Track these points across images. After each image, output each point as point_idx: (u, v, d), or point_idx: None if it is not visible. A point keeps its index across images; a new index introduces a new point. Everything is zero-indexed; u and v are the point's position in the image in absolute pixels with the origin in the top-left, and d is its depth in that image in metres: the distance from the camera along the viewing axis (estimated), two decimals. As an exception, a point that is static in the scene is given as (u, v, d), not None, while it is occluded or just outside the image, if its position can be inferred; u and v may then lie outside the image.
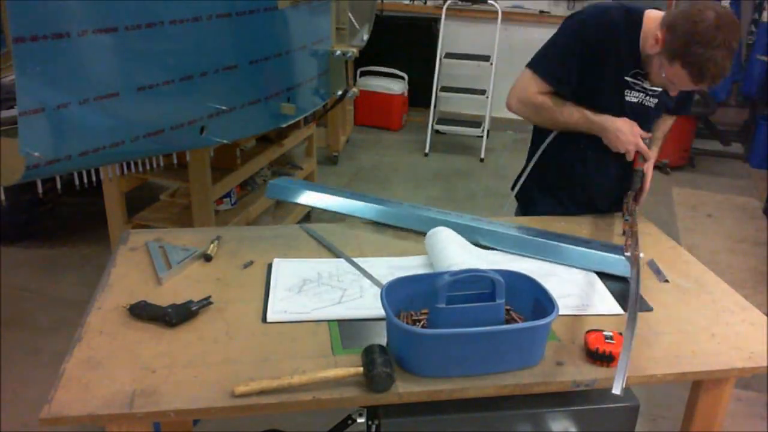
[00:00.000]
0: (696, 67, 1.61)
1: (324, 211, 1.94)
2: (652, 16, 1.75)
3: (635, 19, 1.77)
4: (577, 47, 1.79)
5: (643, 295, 1.57)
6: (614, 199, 1.98)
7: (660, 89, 1.84)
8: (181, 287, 1.53)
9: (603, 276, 1.65)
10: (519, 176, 2.11)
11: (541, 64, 1.85)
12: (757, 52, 4.83)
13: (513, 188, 2.14)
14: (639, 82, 1.81)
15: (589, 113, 1.81)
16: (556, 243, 1.73)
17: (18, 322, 2.90)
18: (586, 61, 1.79)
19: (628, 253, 1.68)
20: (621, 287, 1.61)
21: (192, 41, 2.03)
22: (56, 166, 1.67)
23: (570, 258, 1.70)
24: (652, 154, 1.94)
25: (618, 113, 1.83)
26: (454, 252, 1.58)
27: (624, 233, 1.80)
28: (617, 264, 1.66)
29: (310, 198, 1.97)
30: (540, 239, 1.74)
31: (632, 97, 1.84)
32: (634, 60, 1.78)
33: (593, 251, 1.70)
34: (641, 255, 1.66)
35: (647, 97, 1.85)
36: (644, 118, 1.88)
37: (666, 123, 2.08)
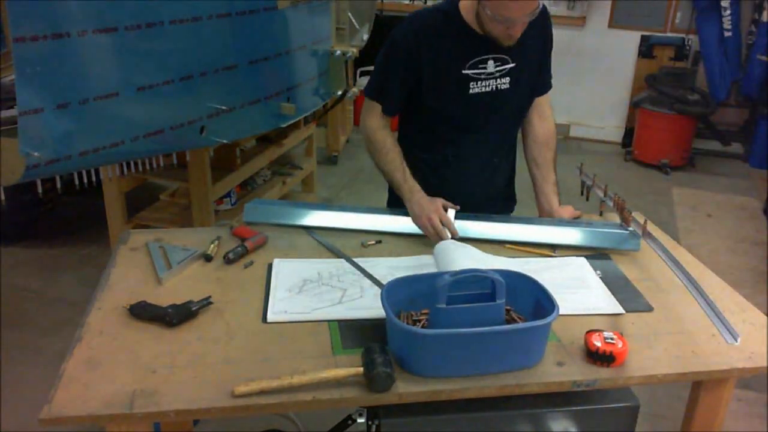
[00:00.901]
0: None
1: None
2: (465, 3, 1.71)
3: (448, 11, 1.72)
4: (394, 62, 1.75)
5: (643, 295, 1.57)
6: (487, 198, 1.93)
7: (508, 65, 1.74)
8: (181, 287, 1.53)
9: (603, 268, 1.65)
10: None
11: (369, 86, 1.83)
12: (757, 52, 4.83)
13: None
14: (482, 70, 1.73)
15: (408, 174, 1.78)
16: (564, 227, 1.76)
17: (18, 322, 2.90)
18: (409, 69, 1.73)
19: (631, 228, 1.73)
20: (618, 284, 1.61)
21: (192, 41, 2.04)
22: (56, 166, 1.67)
23: (579, 239, 1.74)
24: (557, 207, 1.89)
25: (470, 108, 1.77)
26: (462, 263, 1.57)
27: (602, 213, 1.89)
28: (626, 239, 1.73)
29: (291, 217, 1.85)
30: (544, 225, 1.78)
31: (480, 87, 1.74)
32: (470, 48, 1.71)
33: (602, 230, 1.76)
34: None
35: (498, 81, 1.75)
36: (502, 101, 1.79)
37: (544, 107, 1.93)
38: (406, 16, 1.78)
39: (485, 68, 1.73)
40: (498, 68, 1.74)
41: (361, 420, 1.38)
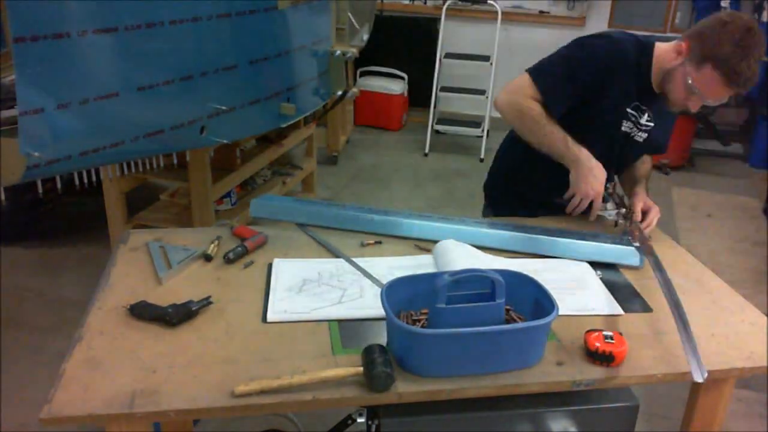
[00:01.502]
0: (728, 67, 1.59)
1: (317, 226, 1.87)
2: (663, 47, 1.76)
3: (646, 50, 1.77)
4: (582, 75, 1.76)
5: (642, 296, 1.57)
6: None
7: (651, 125, 1.87)
8: (181, 287, 1.53)
9: (603, 269, 1.65)
10: (490, 174, 2.17)
11: (543, 76, 1.78)
12: (757, 52, 4.83)
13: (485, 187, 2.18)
14: (636, 115, 1.83)
15: (570, 140, 1.75)
16: (568, 240, 1.74)
17: (18, 322, 2.90)
18: (589, 89, 1.77)
19: (636, 243, 1.70)
20: (618, 285, 1.61)
21: (192, 41, 2.04)
22: (56, 166, 1.67)
23: (582, 253, 1.71)
24: (641, 193, 1.92)
25: (609, 141, 1.84)
26: (461, 263, 1.57)
27: (616, 225, 1.84)
28: (629, 255, 1.69)
29: (297, 213, 1.87)
30: (548, 237, 1.75)
31: (626, 127, 1.85)
32: (638, 92, 1.79)
33: (605, 244, 1.72)
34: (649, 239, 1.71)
35: (638, 132, 1.87)
36: (631, 150, 1.90)
37: (646, 163, 2.06)
38: (614, 33, 1.83)
39: (638, 116, 1.84)
40: (645, 123, 1.86)
41: (361, 420, 1.38)
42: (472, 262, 1.59)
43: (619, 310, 1.51)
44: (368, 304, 1.49)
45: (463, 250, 1.67)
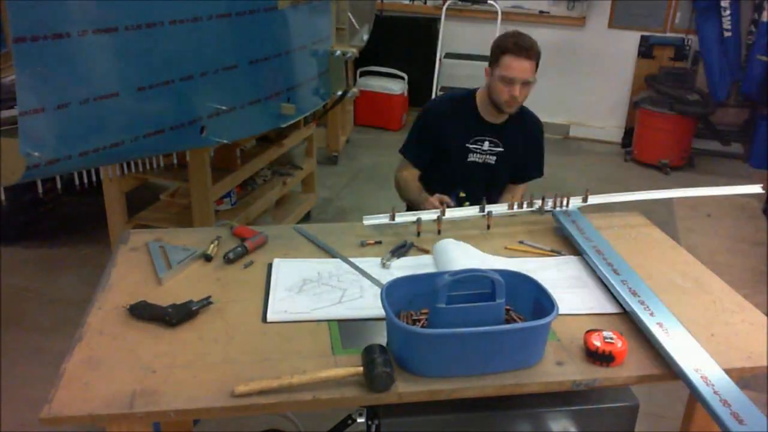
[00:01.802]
0: (507, 46, 2.09)
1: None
2: (481, 92, 2.27)
3: (467, 97, 2.29)
4: (426, 129, 2.31)
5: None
6: None
7: (498, 148, 2.28)
8: (181, 287, 1.53)
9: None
10: None
11: (405, 146, 2.39)
12: (757, 52, 4.82)
13: None
14: (479, 146, 2.28)
15: (423, 192, 2.24)
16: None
17: (18, 322, 2.90)
18: (435, 136, 2.29)
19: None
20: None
21: (192, 41, 2.04)
22: (56, 166, 1.67)
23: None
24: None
25: (467, 171, 2.29)
26: (461, 263, 1.57)
27: None
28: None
29: None
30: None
31: (475, 158, 2.29)
32: (474, 128, 2.26)
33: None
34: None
35: (488, 156, 2.30)
36: (489, 173, 2.31)
37: (516, 190, 2.41)
38: (436, 98, 2.38)
39: (481, 146, 2.28)
40: (490, 148, 2.28)
41: (361, 420, 1.38)
42: (472, 262, 1.59)
43: (618, 309, 1.51)
44: (368, 304, 1.49)
45: (463, 250, 1.67)
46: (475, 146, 2.28)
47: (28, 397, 2.41)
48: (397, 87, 5.69)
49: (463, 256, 1.64)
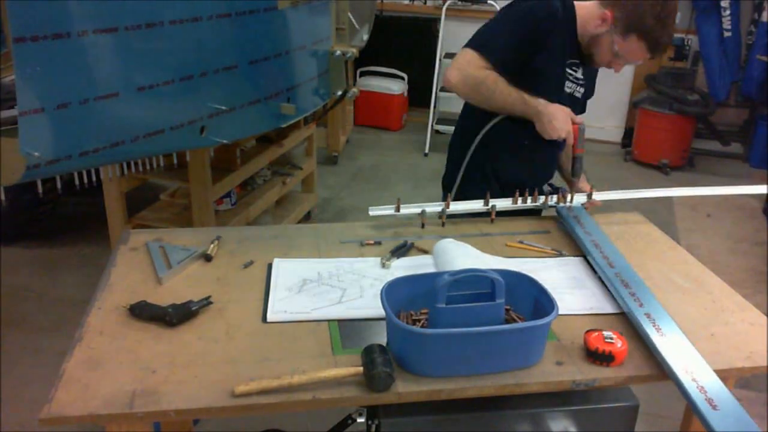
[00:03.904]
0: (652, 38, 1.79)
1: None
2: (583, 7, 1.87)
3: (570, 8, 1.86)
4: (523, 34, 1.80)
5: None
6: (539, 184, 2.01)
7: (583, 80, 1.94)
8: (181, 287, 1.53)
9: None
10: (451, 169, 2.13)
11: (485, 44, 1.80)
12: (757, 52, 4.83)
13: (445, 181, 2.16)
14: (573, 72, 1.91)
15: (526, 95, 1.78)
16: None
17: (18, 322, 2.90)
18: (531, 49, 1.80)
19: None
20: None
21: (192, 41, 2.03)
22: (56, 166, 1.67)
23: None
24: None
25: (555, 101, 1.83)
26: (461, 263, 1.57)
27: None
28: None
29: None
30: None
31: (567, 87, 1.92)
32: (571, 49, 1.88)
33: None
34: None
35: (578, 87, 1.96)
36: (574, 107, 1.90)
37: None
38: None
39: (575, 72, 1.92)
40: (582, 78, 1.95)
41: (361, 420, 1.38)
42: (472, 262, 1.59)
43: (618, 310, 1.51)
44: (368, 304, 1.49)
45: (463, 250, 1.67)
46: (570, 71, 1.91)
47: (28, 397, 2.41)
48: (397, 87, 5.69)
49: (463, 256, 1.64)
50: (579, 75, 1.92)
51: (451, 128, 5.13)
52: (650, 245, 1.85)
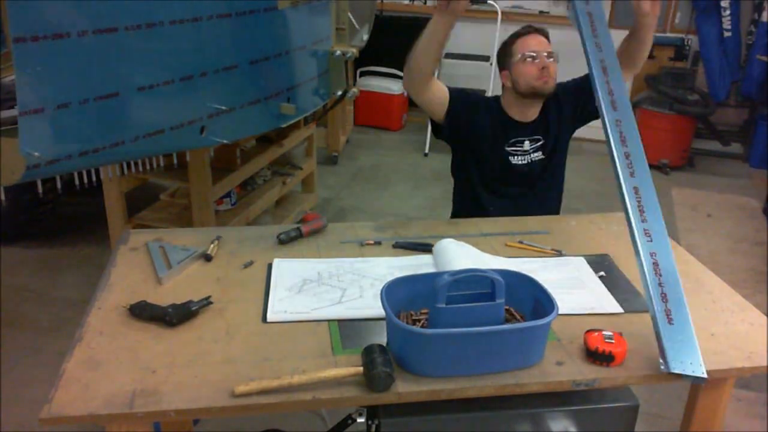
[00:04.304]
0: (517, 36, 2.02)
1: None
2: (505, 98, 2.10)
3: (492, 100, 2.12)
4: (459, 106, 2.03)
5: (642, 295, 1.57)
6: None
7: (540, 139, 2.09)
8: (181, 287, 1.53)
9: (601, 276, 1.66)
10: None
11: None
12: (757, 52, 4.83)
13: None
14: (519, 147, 2.08)
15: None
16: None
17: (18, 322, 2.90)
18: (466, 123, 2.04)
19: None
20: (619, 286, 1.61)
21: (192, 41, 2.03)
22: (56, 166, 1.67)
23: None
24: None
25: (507, 173, 2.09)
26: (461, 263, 1.57)
27: None
28: None
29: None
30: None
31: (518, 161, 2.09)
32: (511, 132, 2.06)
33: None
34: None
35: (533, 154, 2.10)
36: (539, 171, 2.11)
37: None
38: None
39: (522, 146, 2.09)
40: (532, 146, 2.08)
41: (361, 420, 1.38)
42: (472, 262, 1.59)
43: (619, 309, 1.51)
44: (368, 304, 1.49)
45: (463, 250, 1.67)
46: (515, 148, 2.09)
47: (28, 397, 2.41)
48: (397, 87, 5.69)
49: (463, 256, 1.64)
50: (527, 146, 2.08)
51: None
52: (650, 245, 1.85)
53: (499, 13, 5.23)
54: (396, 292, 1.33)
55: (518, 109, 2.07)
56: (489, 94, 5.31)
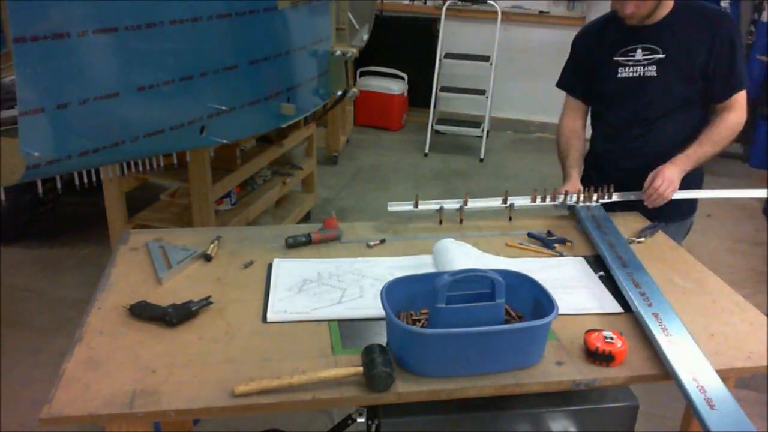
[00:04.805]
0: None
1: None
2: None
3: (612, 14, 2.03)
4: (574, 56, 2.19)
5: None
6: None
7: (657, 55, 1.97)
8: (181, 287, 1.53)
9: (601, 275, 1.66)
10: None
11: (560, 79, 2.24)
12: (757, 52, 4.83)
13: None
14: (631, 57, 2.00)
15: (569, 164, 2.11)
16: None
17: (18, 322, 2.90)
18: (584, 60, 2.13)
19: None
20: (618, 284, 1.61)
21: (192, 41, 2.03)
22: (56, 166, 1.67)
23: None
24: (684, 159, 2.16)
25: (615, 89, 2.04)
26: (460, 262, 1.57)
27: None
28: None
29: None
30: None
31: (627, 72, 2.01)
32: (623, 38, 2.00)
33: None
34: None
35: (645, 68, 1.99)
36: (646, 88, 2.00)
37: (718, 124, 2.23)
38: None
39: (633, 56, 1.99)
40: (645, 57, 1.98)
41: (361, 420, 1.38)
42: (472, 262, 1.59)
43: (618, 309, 1.51)
44: (368, 304, 1.49)
45: (463, 250, 1.68)
46: (624, 59, 2.00)
47: (28, 397, 2.41)
48: (397, 87, 5.69)
49: (463, 256, 1.64)
50: (639, 56, 1.98)
51: (451, 128, 5.20)
52: (650, 245, 1.85)
53: (499, 13, 5.23)
54: (396, 292, 1.33)
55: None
56: (488, 95, 5.32)
